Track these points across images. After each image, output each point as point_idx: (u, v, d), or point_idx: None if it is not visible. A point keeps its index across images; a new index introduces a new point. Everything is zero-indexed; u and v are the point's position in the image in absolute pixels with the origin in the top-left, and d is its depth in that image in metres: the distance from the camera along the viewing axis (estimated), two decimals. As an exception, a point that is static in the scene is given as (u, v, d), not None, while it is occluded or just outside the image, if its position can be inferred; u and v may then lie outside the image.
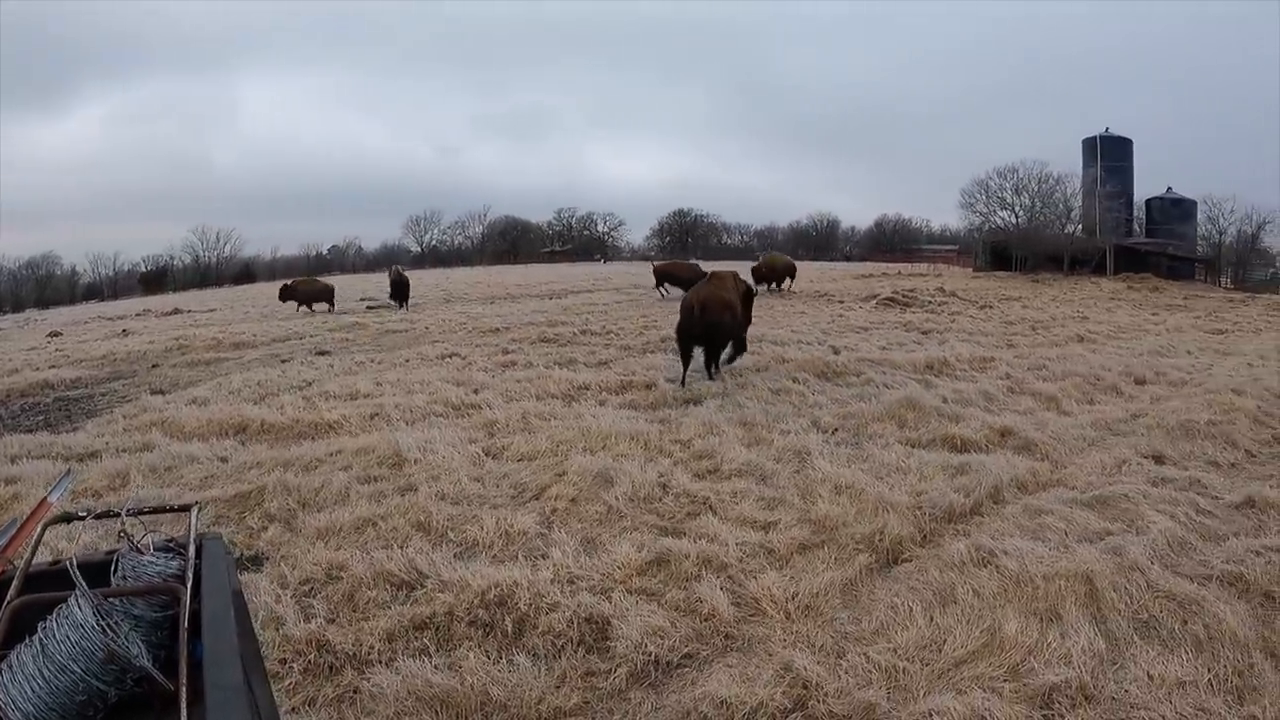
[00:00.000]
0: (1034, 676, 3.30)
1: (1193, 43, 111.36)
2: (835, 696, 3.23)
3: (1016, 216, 48.30)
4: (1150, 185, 51.16)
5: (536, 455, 6.56)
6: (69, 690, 1.45)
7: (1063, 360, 12.06)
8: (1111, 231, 46.24)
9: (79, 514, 1.98)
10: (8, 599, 1.60)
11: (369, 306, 26.22)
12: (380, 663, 3.57)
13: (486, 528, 4.96)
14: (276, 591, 4.13)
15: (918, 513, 5.20)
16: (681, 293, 15.18)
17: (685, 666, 3.59)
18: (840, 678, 3.35)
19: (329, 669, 3.57)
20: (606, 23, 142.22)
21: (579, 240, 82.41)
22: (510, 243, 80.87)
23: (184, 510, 1.96)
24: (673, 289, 24.36)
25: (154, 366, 13.69)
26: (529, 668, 3.50)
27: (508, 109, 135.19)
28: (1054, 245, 45.07)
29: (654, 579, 4.34)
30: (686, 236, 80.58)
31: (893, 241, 75.50)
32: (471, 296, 30.32)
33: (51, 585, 1.63)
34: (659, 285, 25.83)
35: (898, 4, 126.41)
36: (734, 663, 3.58)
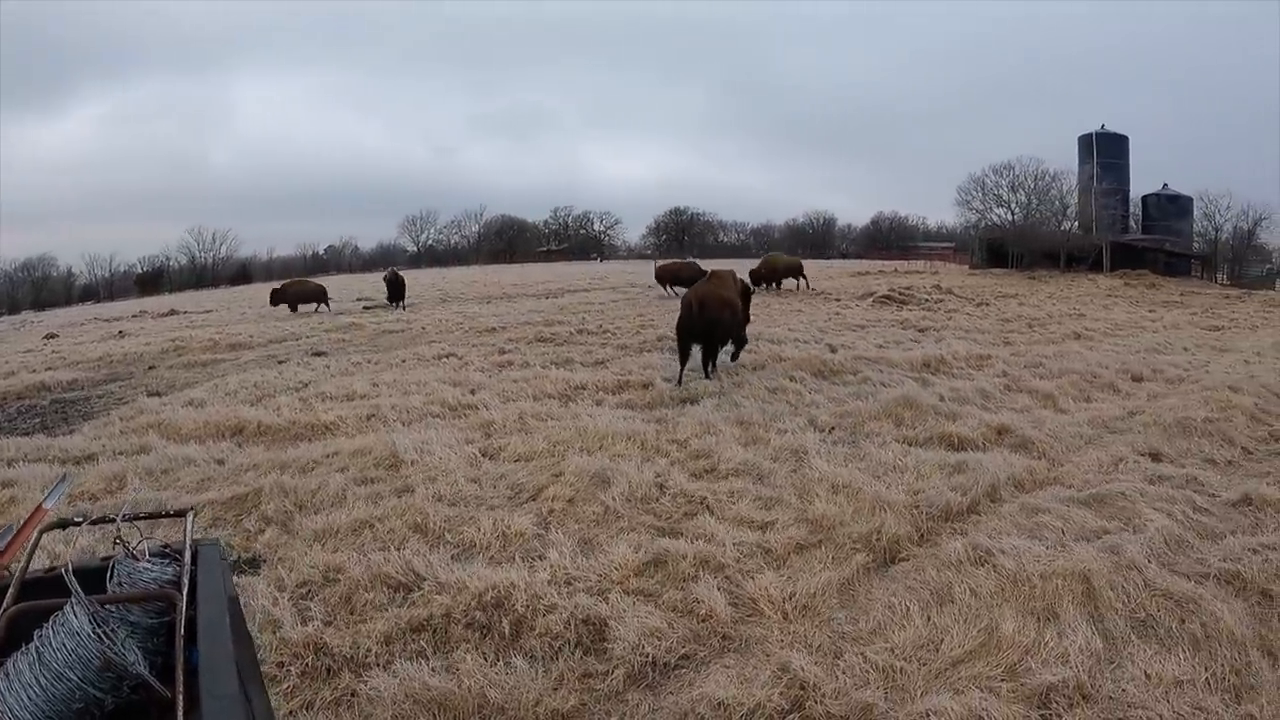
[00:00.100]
0: (1031, 676, 3.30)
1: (1188, 42, 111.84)
2: (833, 697, 3.23)
3: (1013, 213, 48.34)
4: (1146, 182, 51.35)
5: (533, 456, 6.55)
6: (66, 698, 1.45)
7: (1059, 358, 12.04)
8: (1108, 228, 46.34)
9: (75, 520, 1.97)
10: (4, 606, 1.60)
11: (365, 307, 26.18)
12: (378, 665, 3.56)
13: (483, 529, 4.96)
14: (274, 594, 4.12)
15: (915, 512, 5.19)
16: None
17: (683, 668, 3.59)
18: (838, 678, 3.35)
19: (326, 672, 3.56)
20: (602, 22, 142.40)
21: (575, 239, 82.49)
22: (506, 242, 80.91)
23: (179, 516, 1.97)
24: (675, 287, 24.38)
25: (150, 368, 13.67)
26: (526, 670, 3.49)
27: (504, 108, 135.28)
28: (1050, 242, 45.12)
29: (651, 580, 4.33)
30: (683, 235, 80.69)
31: (889, 239, 75.68)
32: (468, 296, 30.32)
33: (48, 592, 1.64)
34: (663, 285, 25.81)
35: (895, 4, 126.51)
36: (731, 663, 3.57)
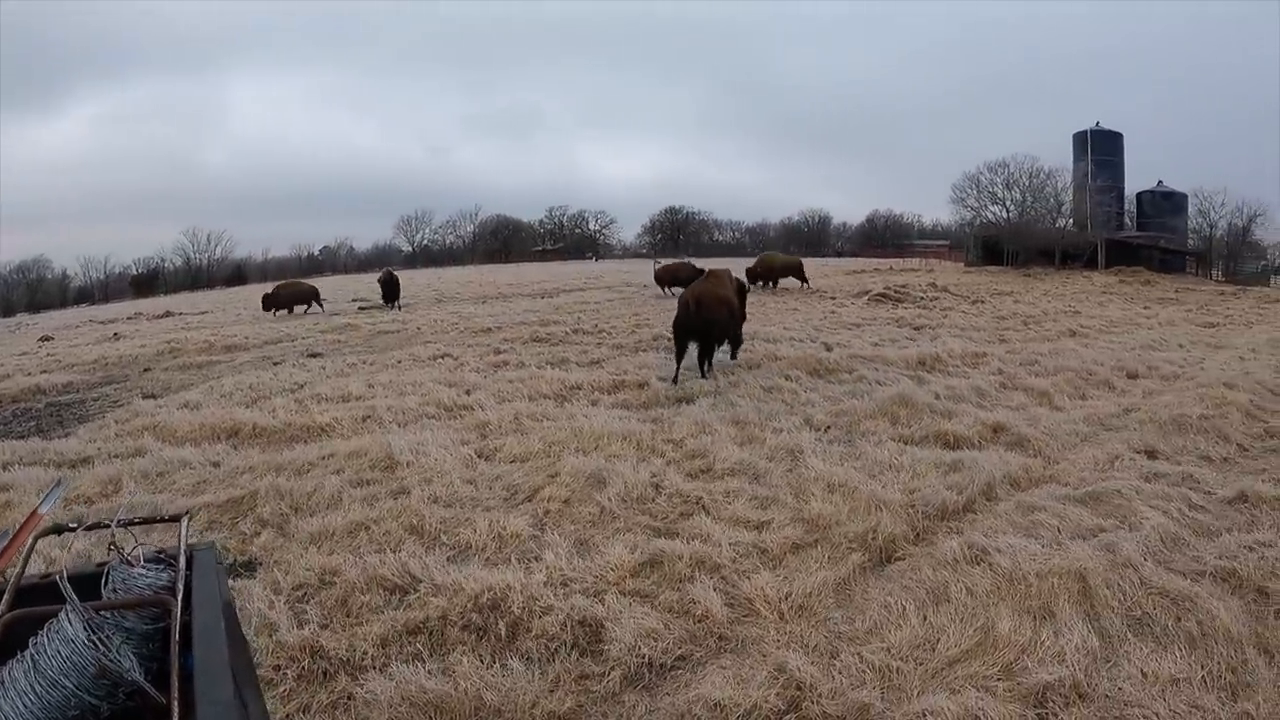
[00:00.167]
0: (1027, 675, 3.30)
1: (1183, 41, 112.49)
2: (829, 697, 3.22)
3: (1008, 211, 48.43)
4: (1141, 179, 51.56)
5: (529, 456, 6.54)
6: (61, 706, 1.45)
7: (1055, 355, 12.06)
8: (1102, 225, 46.46)
9: (70, 525, 1.97)
10: None
11: (361, 308, 26.13)
12: (374, 668, 3.55)
13: (479, 530, 4.94)
14: (270, 598, 4.11)
15: (910, 511, 5.19)
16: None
17: (679, 669, 3.58)
18: (834, 678, 3.35)
19: (323, 675, 3.55)
20: (596, 22, 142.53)
21: (570, 239, 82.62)
22: (502, 242, 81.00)
23: (174, 521, 1.96)
24: (672, 288, 24.49)
25: (146, 370, 13.65)
26: (522, 672, 3.49)
27: (499, 108, 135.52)
28: (1045, 239, 45.21)
29: (647, 580, 4.32)
30: (678, 234, 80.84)
31: (884, 237, 75.95)
32: (463, 296, 30.31)
33: (43, 598, 1.63)
34: (662, 286, 25.82)
35: (891, 3, 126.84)
36: (728, 664, 3.57)
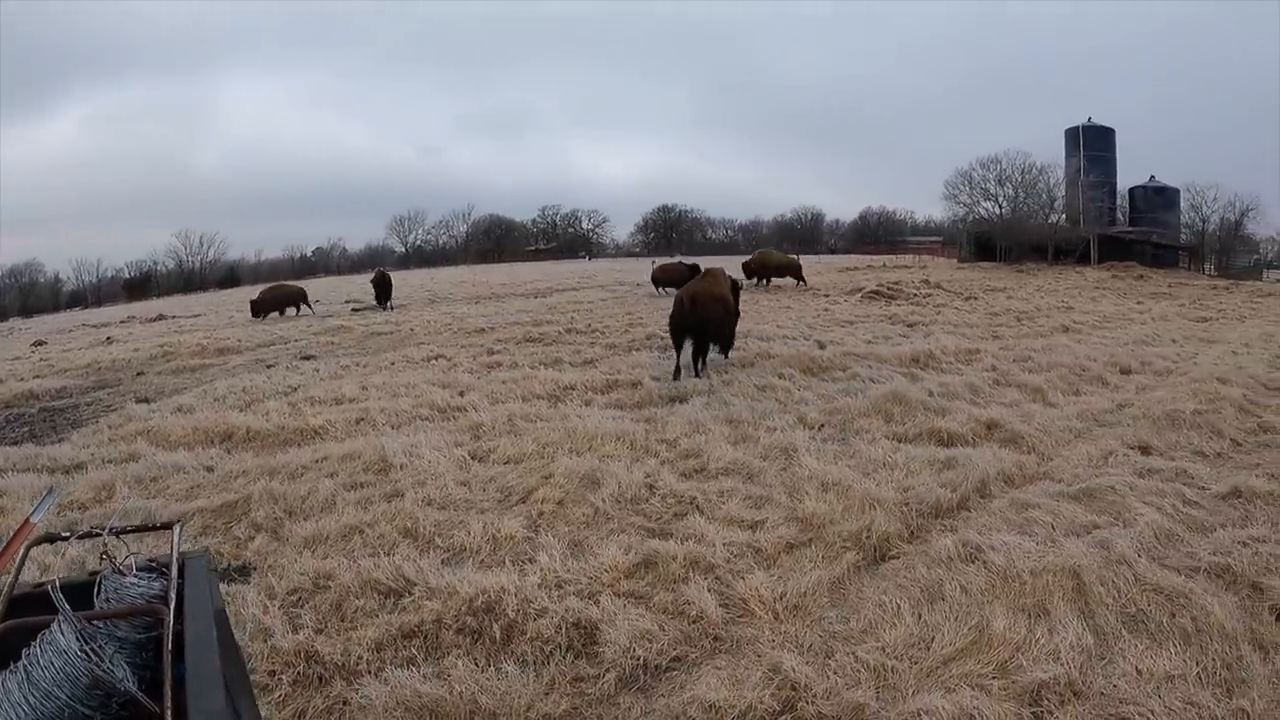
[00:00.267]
0: (1022, 673, 3.30)
1: (1176, 37, 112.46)
2: (824, 697, 3.22)
3: (1000, 207, 48.55)
4: (1133, 175, 51.70)
5: (523, 458, 6.52)
6: (55, 717, 1.45)
7: (1048, 351, 12.10)
8: (1095, 221, 46.56)
9: (62, 534, 1.96)
10: None
11: (354, 309, 26.04)
12: (369, 673, 3.54)
13: (473, 533, 4.93)
14: (264, 603, 4.10)
15: (905, 509, 5.19)
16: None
17: (674, 670, 3.58)
18: (829, 678, 3.35)
19: (318, 680, 3.54)
20: (586, 20, 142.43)
21: (563, 238, 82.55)
22: (495, 241, 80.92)
23: (166, 528, 1.96)
24: (667, 288, 24.55)
25: (139, 374, 13.57)
26: (517, 675, 3.48)
27: (491, 108, 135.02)
28: (1038, 235, 45.32)
29: (641, 581, 4.32)
30: (671, 232, 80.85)
31: (877, 234, 76.08)
32: (456, 296, 30.25)
33: (36, 608, 1.63)
34: (657, 287, 25.83)
35: (885, 2, 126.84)
36: (722, 665, 3.57)
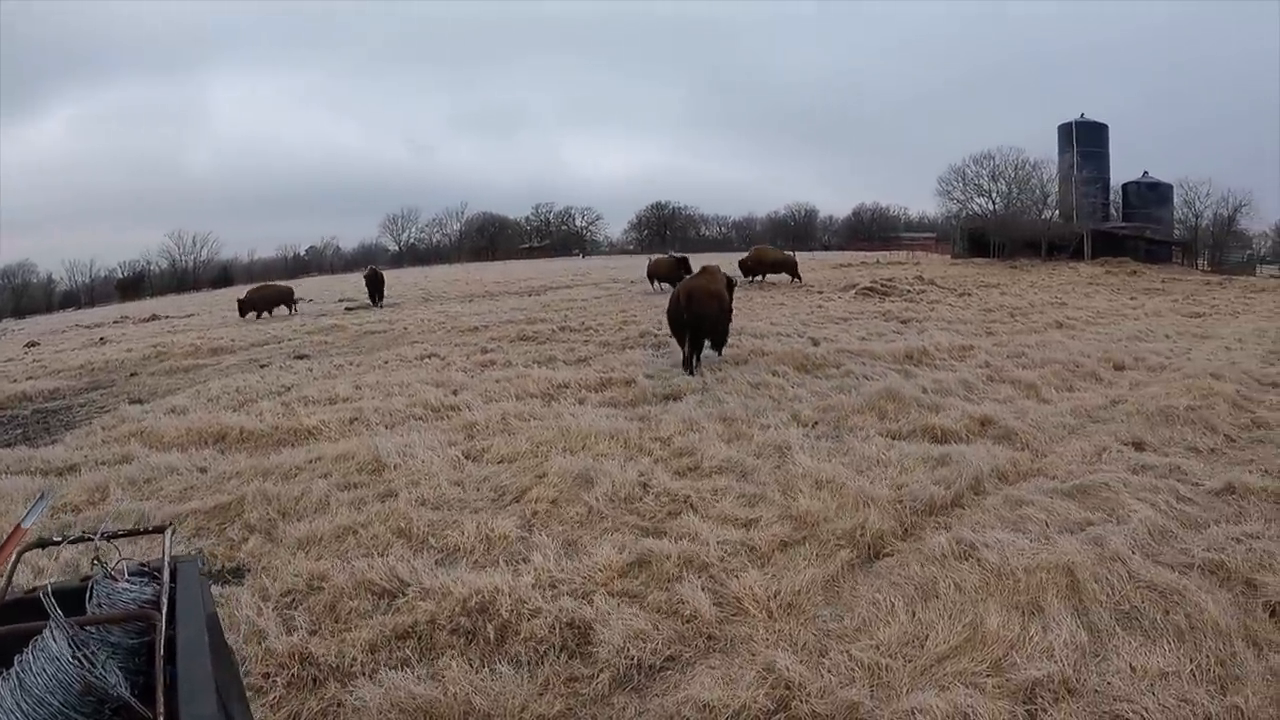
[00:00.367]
0: (1016, 671, 3.30)
1: (1169, 34, 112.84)
2: (818, 696, 3.22)
3: (994, 203, 48.48)
4: (1126, 170, 51.71)
5: (516, 457, 6.52)
6: None
7: (1042, 347, 12.14)
8: (1088, 216, 46.60)
9: (54, 539, 1.96)
10: None
11: (348, 308, 25.97)
12: (363, 675, 3.53)
13: (467, 533, 4.93)
14: (258, 604, 4.09)
15: (898, 506, 5.19)
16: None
17: (668, 669, 3.57)
18: (823, 677, 3.35)
19: (312, 682, 3.53)
20: (580, 19, 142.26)
21: (557, 235, 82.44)
22: (488, 239, 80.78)
23: (158, 532, 1.95)
24: (662, 283, 24.67)
25: (132, 375, 13.54)
26: (511, 676, 3.47)
27: (484, 106, 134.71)
28: (1031, 231, 45.32)
29: (635, 581, 4.32)
30: (664, 229, 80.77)
31: (871, 230, 76.16)
32: (450, 295, 30.19)
33: (28, 614, 1.62)
34: (652, 282, 25.90)
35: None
36: (716, 664, 3.57)
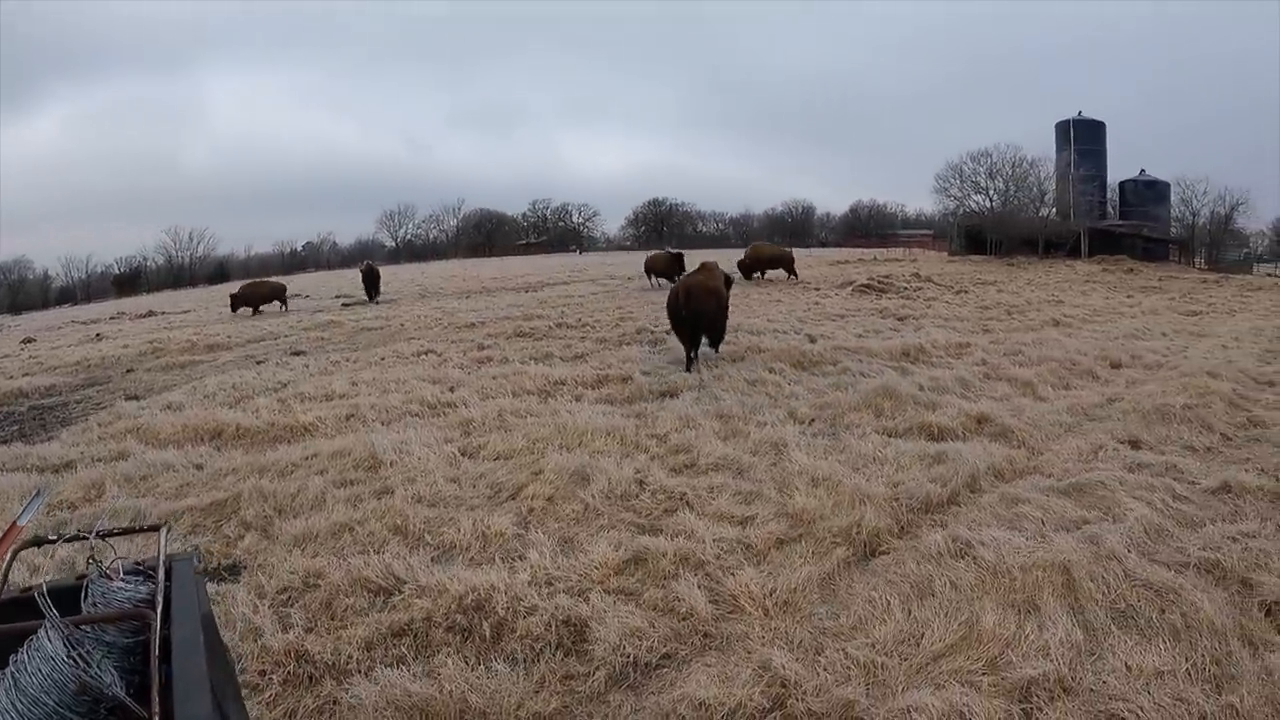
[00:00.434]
0: (1012, 669, 3.31)
1: (1167, 31, 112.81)
2: (814, 694, 3.23)
3: (991, 200, 48.46)
4: (1124, 168, 51.68)
5: (513, 454, 6.51)
6: None
7: (1038, 345, 12.14)
8: (1085, 214, 46.64)
9: (49, 538, 1.96)
10: None
11: (344, 304, 25.87)
12: (359, 672, 3.54)
13: (463, 530, 4.93)
14: (254, 602, 4.10)
15: (895, 504, 5.20)
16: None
17: (664, 667, 3.58)
18: (819, 675, 3.35)
19: (308, 680, 3.54)
20: (579, 15, 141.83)
21: (554, 232, 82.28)
22: (485, 235, 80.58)
23: (154, 530, 1.95)
24: (658, 278, 24.88)
25: (129, 371, 13.50)
26: (507, 673, 3.48)
27: (481, 103, 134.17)
28: (1028, 229, 45.31)
29: (631, 578, 4.32)
30: (661, 225, 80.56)
31: (868, 227, 76.06)
32: (447, 291, 30.08)
33: (23, 613, 1.61)
34: (649, 276, 26.00)
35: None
36: (712, 662, 3.57)
